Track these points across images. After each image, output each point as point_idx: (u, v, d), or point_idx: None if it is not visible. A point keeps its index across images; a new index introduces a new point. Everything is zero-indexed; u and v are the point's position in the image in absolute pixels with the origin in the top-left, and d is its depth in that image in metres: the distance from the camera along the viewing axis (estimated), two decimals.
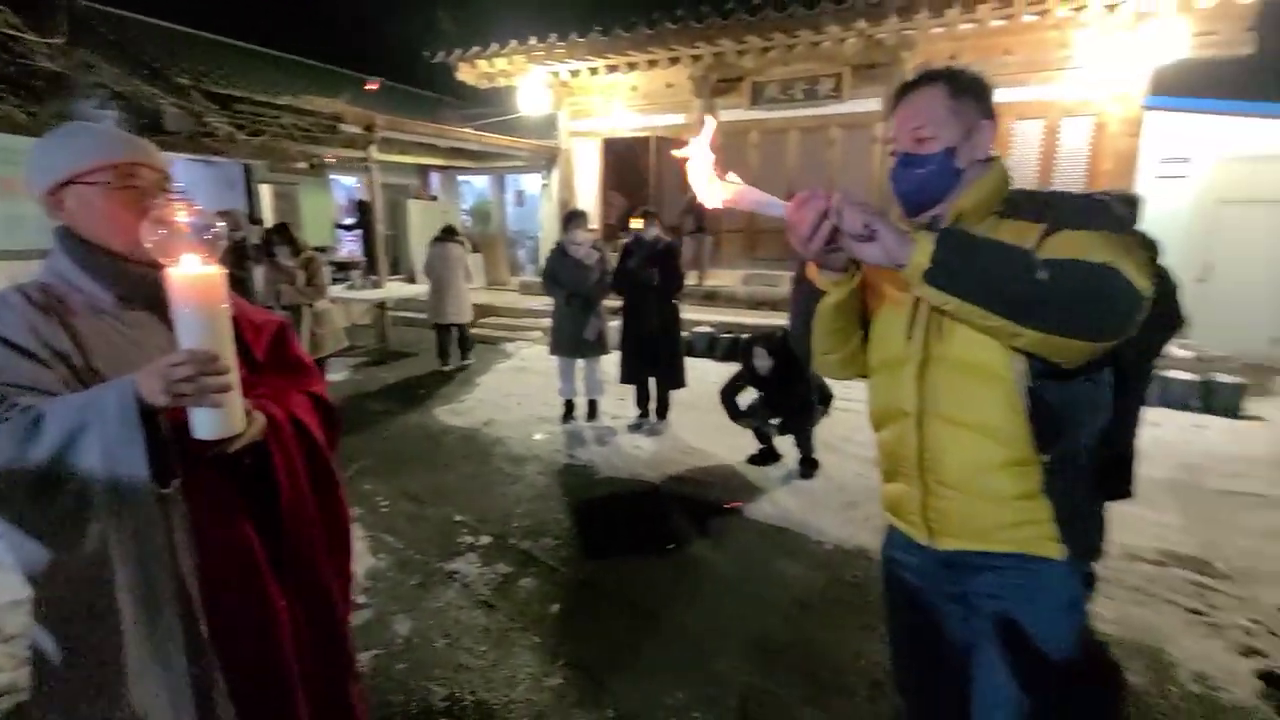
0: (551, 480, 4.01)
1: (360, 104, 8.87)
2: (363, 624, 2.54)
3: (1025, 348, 1.04)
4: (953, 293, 1.00)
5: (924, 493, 1.22)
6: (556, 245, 4.89)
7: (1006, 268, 0.99)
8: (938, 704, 1.35)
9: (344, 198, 13.26)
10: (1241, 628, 2.55)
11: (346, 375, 6.59)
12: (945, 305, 1.02)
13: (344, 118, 7.44)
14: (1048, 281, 0.96)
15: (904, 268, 1.01)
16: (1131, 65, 6.73)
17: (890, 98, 1.26)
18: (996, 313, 0.99)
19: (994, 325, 1.01)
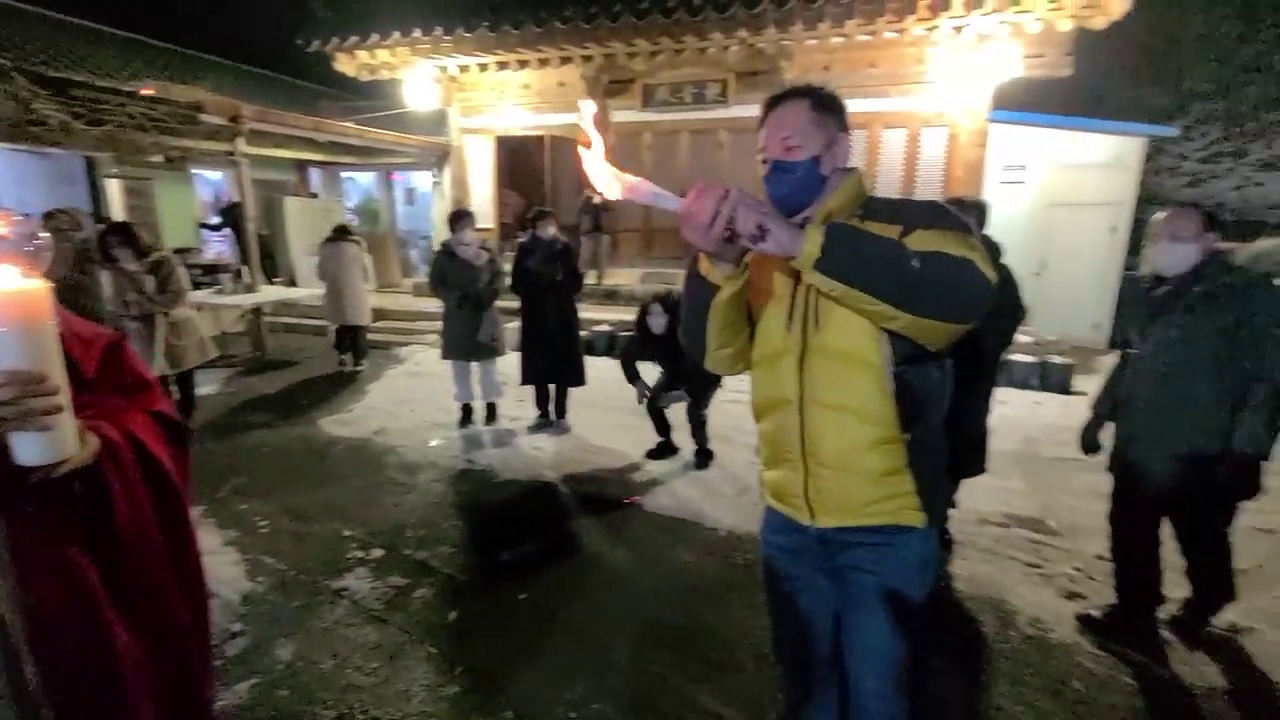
0: (448, 487, 3.92)
1: (226, 92, 8.18)
2: (239, 653, 2.39)
3: (899, 330, 1.15)
4: (840, 279, 1.09)
5: (806, 475, 1.32)
6: (443, 246, 4.78)
7: (886, 257, 1.10)
8: (812, 667, 1.49)
9: (210, 194, 12.19)
10: (1067, 575, 2.95)
11: (218, 388, 6.08)
12: (833, 291, 1.11)
13: (205, 107, 6.82)
14: (920, 270, 1.08)
15: (796, 258, 1.08)
16: (976, 82, 7.51)
17: (761, 107, 1.34)
18: (878, 297, 1.09)
19: (875, 310, 1.12)
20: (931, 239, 1.14)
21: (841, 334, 1.24)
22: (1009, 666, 2.34)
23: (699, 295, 1.27)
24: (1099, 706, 2.14)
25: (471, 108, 9.95)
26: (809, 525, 1.36)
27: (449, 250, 4.67)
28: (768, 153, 1.29)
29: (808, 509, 1.34)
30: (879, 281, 1.09)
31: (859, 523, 1.31)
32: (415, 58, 8.67)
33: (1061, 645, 2.47)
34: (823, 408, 1.28)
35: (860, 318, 1.19)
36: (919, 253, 1.10)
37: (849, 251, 1.08)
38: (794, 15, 7.03)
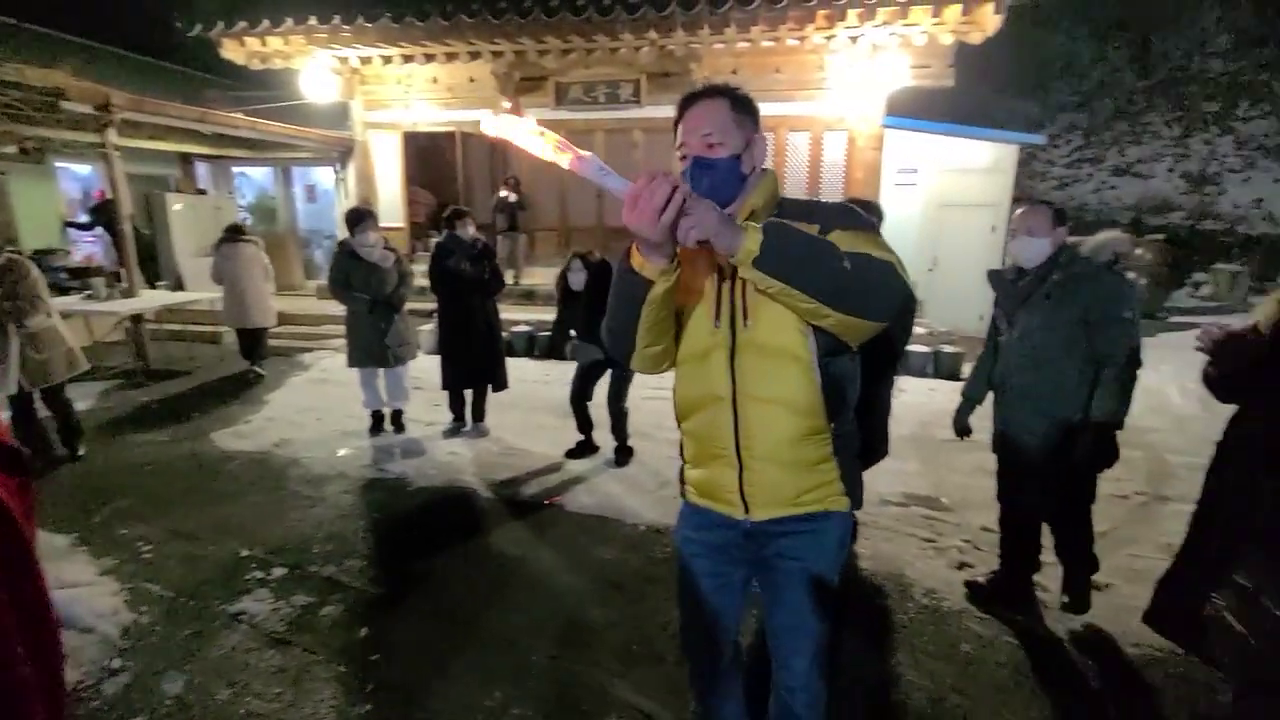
0: (358, 498, 3.75)
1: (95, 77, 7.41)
2: (118, 692, 2.19)
3: (827, 327, 1.19)
4: (777, 276, 1.11)
5: (741, 470, 1.34)
6: (342, 248, 4.51)
7: (820, 257, 1.13)
8: (720, 659, 1.55)
9: (79, 190, 11.04)
10: (957, 547, 3.20)
11: (94, 403, 5.52)
12: (769, 288, 1.13)
13: (67, 93, 6.15)
14: (851, 271, 1.13)
15: (734, 255, 1.10)
16: (871, 90, 7.97)
17: (676, 106, 1.34)
18: (811, 295, 1.13)
19: (807, 307, 1.15)
20: (850, 239, 1.19)
21: (771, 330, 1.27)
22: (907, 635, 2.51)
23: (631, 291, 1.22)
24: (987, 665, 2.34)
25: (376, 101, 9.53)
26: (741, 520, 1.37)
27: (350, 251, 4.42)
28: (688, 149, 1.28)
29: (742, 504, 1.36)
30: (813, 281, 1.13)
31: (791, 512, 1.35)
32: (312, 47, 8.22)
33: (953, 612, 2.67)
34: (756, 402, 1.30)
35: (788, 313, 1.23)
36: (849, 253, 1.14)
37: (786, 250, 1.11)
38: (701, 19, 7.20)
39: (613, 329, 1.32)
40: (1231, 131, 13.83)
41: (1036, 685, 2.24)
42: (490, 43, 7.93)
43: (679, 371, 1.40)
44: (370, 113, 9.54)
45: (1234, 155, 13.48)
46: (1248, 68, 14.39)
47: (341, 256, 4.46)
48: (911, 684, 2.23)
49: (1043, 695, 2.19)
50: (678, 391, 1.42)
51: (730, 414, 1.32)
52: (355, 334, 4.53)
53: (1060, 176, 14.93)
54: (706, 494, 1.42)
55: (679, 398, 1.42)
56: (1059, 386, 2.35)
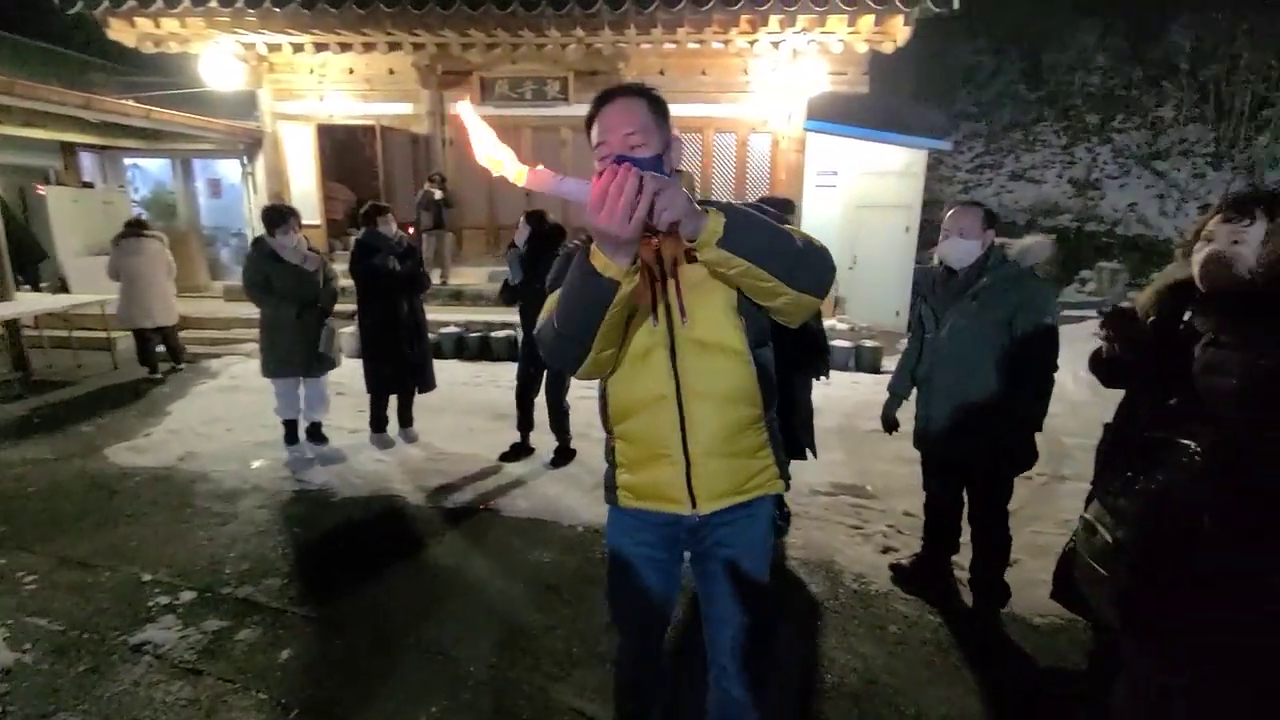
0: (276, 513, 3.53)
1: None
2: None
3: (778, 307, 1.23)
4: (742, 254, 1.13)
5: (688, 466, 1.34)
6: (259, 247, 4.14)
7: (776, 235, 1.18)
8: (655, 633, 1.59)
9: None
10: (882, 533, 3.35)
11: None
12: (733, 268, 1.15)
13: None
14: (804, 249, 1.19)
15: (698, 237, 1.10)
16: (792, 94, 8.24)
17: (592, 107, 1.31)
18: (771, 273, 1.16)
19: (765, 286, 1.18)
20: (790, 229, 1.27)
21: (708, 326, 1.30)
22: (838, 620, 2.61)
23: (596, 294, 1.15)
24: (912, 644, 2.47)
25: (286, 91, 9.01)
26: (688, 515, 1.38)
27: (270, 253, 4.07)
28: (609, 148, 1.25)
29: (690, 499, 1.36)
30: (773, 258, 1.16)
31: (736, 500, 1.38)
32: (213, 31, 7.67)
33: (880, 594, 2.80)
34: (701, 398, 1.32)
35: (723, 309, 1.29)
36: (798, 234, 1.21)
37: (749, 229, 1.14)
38: (628, 18, 7.22)
39: (565, 334, 1.24)
40: (1110, 142, 15.18)
41: (958, 660, 2.37)
42: (410, 34, 7.66)
43: (616, 374, 1.38)
44: (280, 103, 9.02)
45: (1112, 163, 14.81)
46: (1122, 84, 15.86)
47: (259, 258, 4.09)
48: (845, 666, 2.32)
49: (964, 669, 2.33)
50: (614, 394, 1.39)
51: (675, 412, 1.33)
52: (275, 342, 4.17)
53: (964, 180, 15.94)
54: (647, 495, 1.41)
55: (616, 400, 1.39)
56: (982, 386, 2.37)
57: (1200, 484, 0.98)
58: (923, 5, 6.85)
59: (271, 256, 4.07)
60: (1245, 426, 0.97)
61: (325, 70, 8.83)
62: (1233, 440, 0.98)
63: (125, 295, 5.96)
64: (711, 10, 7.06)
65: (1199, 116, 14.11)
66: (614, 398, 1.39)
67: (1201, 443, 1.01)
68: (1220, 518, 0.95)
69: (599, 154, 1.27)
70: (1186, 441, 1.04)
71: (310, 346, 4.18)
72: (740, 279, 1.18)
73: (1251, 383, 0.96)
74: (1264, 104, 12.96)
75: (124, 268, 5.89)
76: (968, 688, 2.24)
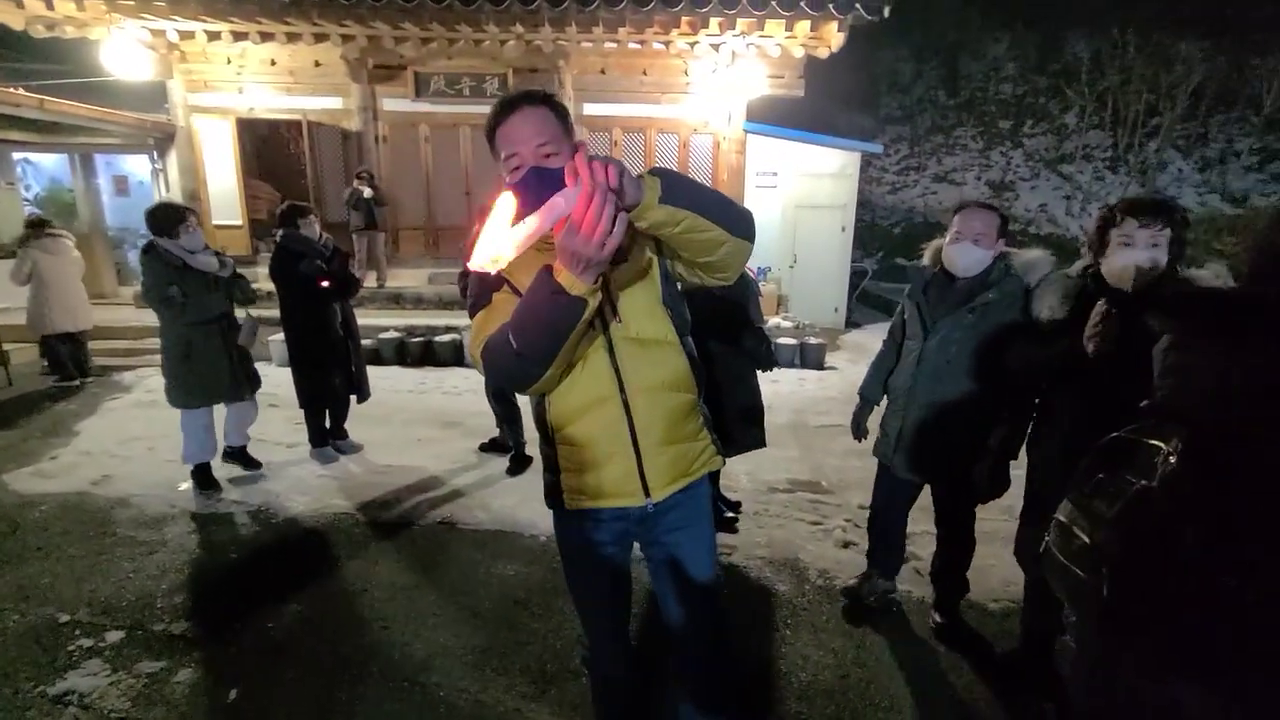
0: (209, 538, 3.28)
1: None
2: None
3: (721, 256, 1.26)
4: (685, 207, 1.15)
5: (639, 459, 1.38)
6: (154, 254, 3.46)
7: (704, 188, 1.22)
8: (622, 612, 1.64)
9: None
10: (841, 527, 3.43)
11: None
12: (679, 222, 1.16)
13: None
14: (729, 200, 1.25)
15: (640, 203, 1.11)
16: (732, 96, 8.37)
17: (495, 114, 1.30)
18: (714, 221, 1.19)
19: (709, 236, 1.21)
20: None
21: (640, 321, 1.34)
22: (808, 616, 2.65)
23: (566, 314, 1.14)
24: (879, 635, 2.53)
25: (201, 82, 8.43)
26: (643, 504, 1.40)
27: (180, 261, 3.48)
28: (521, 159, 1.26)
29: (643, 491, 1.39)
30: (712, 208, 1.20)
31: (685, 483, 1.44)
32: (117, 15, 7.07)
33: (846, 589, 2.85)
34: (644, 392, 1.36)
35: (652, 304, 1.35)
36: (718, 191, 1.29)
37: (681, 185, 1.18)
38: (569, 16, 7.14)
39: (529, 356, 1.21)
40: (1021, 146, 16.22)
41: (923, 648, 2.46)
42: (339, 25, 7.31)
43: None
44: (194, 95, 8.43)
45: (1024, 166, 15.83)
46: (1031, 92, 16.96)
47: (157, 265, 3.45)
48: (819, 663, 2.36)
49: (930, 656, 2.41)
50: (556, 402, 1.38)
51: (621, 409, 1.36)
52: (191, 364, 3.56)
53: (892, 182, 16.66)
54: (599, 494, 1.42)
55: (559, 408, 1.39)
56: (967, 405, 2.21)
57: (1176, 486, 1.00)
58: (856, 12, 7.08)
59: (179, 265, 3.47)
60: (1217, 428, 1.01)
61: (244, 61, 8.31)
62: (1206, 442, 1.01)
63: (42, 299, 5.65)
64: (652, 11, 7.07)
65: (1099, 123, 15.27)
66: (556, 405, 1.39)
67: (1172, 444, 1.04)
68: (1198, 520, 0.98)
69: (510, 164, 1.28)
70: (1156, 443, 1.07)
71: (237, 364, 3.72)
72: (684, 235, 1.20)
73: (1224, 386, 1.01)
74: (1153, 112, 14.14)
75: (44, 269, 5.60)
76: (935, 674, 2.32)
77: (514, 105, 1.28)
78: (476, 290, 1.35)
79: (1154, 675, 1.04)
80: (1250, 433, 0.96)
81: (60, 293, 5.72)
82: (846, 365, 7.19)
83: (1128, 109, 14.42)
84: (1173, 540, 1.00)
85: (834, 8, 7.06)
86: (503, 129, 1.28)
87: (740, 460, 3.44)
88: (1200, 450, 1.01)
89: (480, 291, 1.33)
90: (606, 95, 8.62)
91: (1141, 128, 14.22)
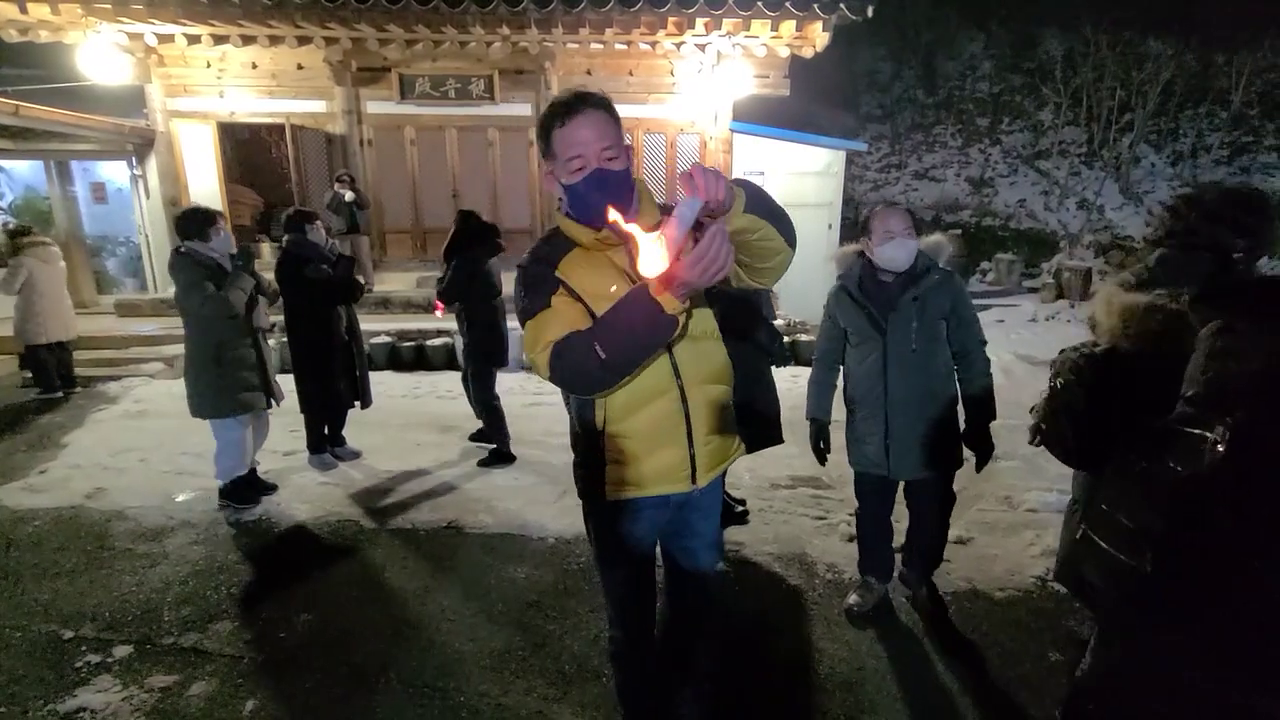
0: (213, 549, 3.23)
1: None
2: None
3: (775, 264, 1.38)
4: (763, 217, 1.27)
5: (691, 447, 1.48)
6: (191, 260, 3.35)
7: (773, 201, 1.33)
8: (650, 620, 1.71)
9: None
10: (845, 521, 3.46)
11: None
12: (757, 230, 1.27)
13: None
14: (786, 214, 1.35)
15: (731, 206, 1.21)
16: (718, 95, 8.41)
17: (555, 115, 1.33)
18: (779, 232, 1.31)
19: (771, 245, 1.32)
20: None
21: (696, 320, 1.43)
22: (819, 610, 2.69)
23: (664, 332, 1.23)
24: (889, 626, 2.57)
25: (180, 87, 8.28)
26: (689, 491, 1.51)
27: (203, 259, 3.38)
28: (585, 161, 1.32)
29: (691, 477, 1.50)
30: (780, 220, 1.32)
31: (723, 469, 1.59)
32: (92, 19, 6.93)
33: (853, 582, 2.89)
34: (699, 385, 1.46)
35: (701, 303, 1.45)
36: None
37: (760, 196, 1.30)
38: (555, 17, 7.13)
39: (618, 366, 1.28)
40: (999, 143, 16.48)
41: (933, 638, 2.50)
42: (323, 28, 7.22)
43: None
44: (174, 99, 8.29)
45: (1002, 163, 16.09)
46: (1007, 90, 17.25)
47: (190, 267, 3.34)
48: (834, 656, 2.39)
49: (940, 646, 2.45)
50: (614, 399, 1.42)
51: (679, 402, 1.45)
52: (227, 369, 3.43)
53: (874, 180, 16.83)
54: (652, 483, 1.48)
55: (617, 403, 1.43)
56: (943, 388, 2.34)
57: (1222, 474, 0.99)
58: (840, 12, 7.16)
59: (210, 265, 3.39)
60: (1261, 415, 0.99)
61: (225, 64, 8.19)
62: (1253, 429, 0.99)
63: (33, 308, 5.58)
64: (639, 12, 7.09)
65: (1073, 120, 15.56)
66: (613, 400, 1.42)
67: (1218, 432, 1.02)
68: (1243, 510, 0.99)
69: (573, 166, 1.33)
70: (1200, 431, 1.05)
71: (268, 368, 3.60)
72: (758, 242, 1.30)
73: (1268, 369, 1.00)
74: (1126, 108, 14.45)
75: (39, 279, 5.57)
76: (947, 663, 2.36)
77: (575, 108, 1.31)
78: (532, 294, 1.38)
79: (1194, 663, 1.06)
80: None
81: (54, 302, 5.68)
82: None
83: (1101, 106, 14.73)
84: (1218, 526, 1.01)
85: (819, 7, 7.13)
86: (563, 131, 1.32)
87: (742, 458, 3.45)
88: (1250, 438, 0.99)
89: (536, 295, 1.37)
90: None
91: (1115, 123, 14.52)
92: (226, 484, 3.60)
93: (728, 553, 3.12)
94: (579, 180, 1.33)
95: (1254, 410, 1.00)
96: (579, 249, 1.41)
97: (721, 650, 1.93)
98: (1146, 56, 14.14)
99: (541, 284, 1.37)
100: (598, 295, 1.35)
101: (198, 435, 4.10)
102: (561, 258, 1.39)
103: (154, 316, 7.70)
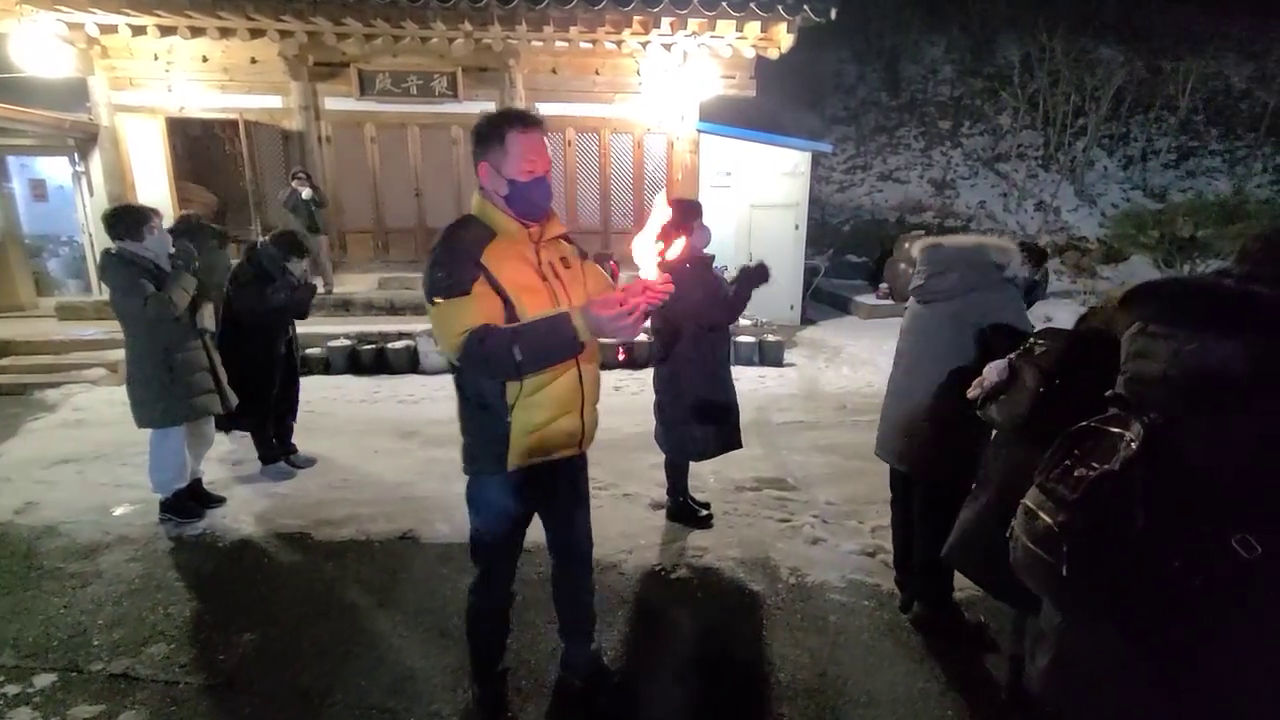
0: (151, 566, 3.06)
1: None
2: None
3: None
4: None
5: (581, 415, 1.78)
6: (124, 259, 3.13)
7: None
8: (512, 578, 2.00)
9: None
10: (809, 523, 3.45)
11: None
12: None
13: None
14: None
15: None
16: (685, 96, 8.40)
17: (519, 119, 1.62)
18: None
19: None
20: None
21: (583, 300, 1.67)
22: (782, 616, 2.65)
23: (573, 350, 1.56)
24: (851, 632, 2.55)
25: (126, 80, 7.94)
26: (573, 455, 1.83)
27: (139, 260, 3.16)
28: (536, 169, 1.62)
29: (579, 442, 1.80)
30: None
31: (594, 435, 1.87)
32: (27, 6, 6.59)
33: (816, 585, 2.87)
34: (588, 361, 1.75)
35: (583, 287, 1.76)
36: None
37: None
38: (518, 14, 7.02)
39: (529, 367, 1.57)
40: (960, 146, 16.82)
41: (894, 641, 2.49)
42: (276, 20, 6.99)
43: None
44: (118, 93, 7.94)
45: (963, 165, 16.43)
46: (968, 94, 17.63)
47: (124, 268, 3.12)
48: (796, 662, 2.36)
49: (902, 649, 2.44)
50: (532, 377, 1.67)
51: (577, 375, 1.73)
52: (179, 373, 3.23)
53: (840, 181, 17.03)
54: (548, 448, 1.74)
55: (529, 381, 1.65)
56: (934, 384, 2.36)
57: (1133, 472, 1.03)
58: (804, 14, 7.20)
59: (148, 267, 3.17)
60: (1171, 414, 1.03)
61: (173, 57, 7.87)
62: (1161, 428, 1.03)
63: None
64: (604, 10, 7.03)
65: (1030, 124, 15.97)
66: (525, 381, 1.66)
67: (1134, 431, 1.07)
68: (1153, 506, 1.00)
69: (525, 168, 1.60)
70: (1119, 430, 1.10)
71: (217, 372, 3.42)
72: None
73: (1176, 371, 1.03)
74: (1080, 113, 14.89)
75: None
76: (908, 666, 2.34)
77: (535, 122, 1.63)
78: (452, 273, 1.54)
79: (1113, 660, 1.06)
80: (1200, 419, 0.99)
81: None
82: (804, 362, 7.30)
83: (1056, 110, 15.13)
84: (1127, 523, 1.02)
85: (783, 9, 7.16)
86: (526, 136, 1.60)
87: (706, 461, 3.42)
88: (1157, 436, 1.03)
89: (457, 277, 1.53)
90: (559, 95, 8.50)
91: (1070, 128, 14.94)
92: (168, 497, 3.42)
93: (691, 559, 3.08)
94: (530, 181, 1.61)
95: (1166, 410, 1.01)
96: (499, 240, 1.62)
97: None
98: (1099, 63, 14.58)
99: (464, 267, 1.55)
100: (517, 285, 1.59)
101: (140, 445, 3.90)
102: (484, 247, 1.58)
103: (97, 320, 7.34)
